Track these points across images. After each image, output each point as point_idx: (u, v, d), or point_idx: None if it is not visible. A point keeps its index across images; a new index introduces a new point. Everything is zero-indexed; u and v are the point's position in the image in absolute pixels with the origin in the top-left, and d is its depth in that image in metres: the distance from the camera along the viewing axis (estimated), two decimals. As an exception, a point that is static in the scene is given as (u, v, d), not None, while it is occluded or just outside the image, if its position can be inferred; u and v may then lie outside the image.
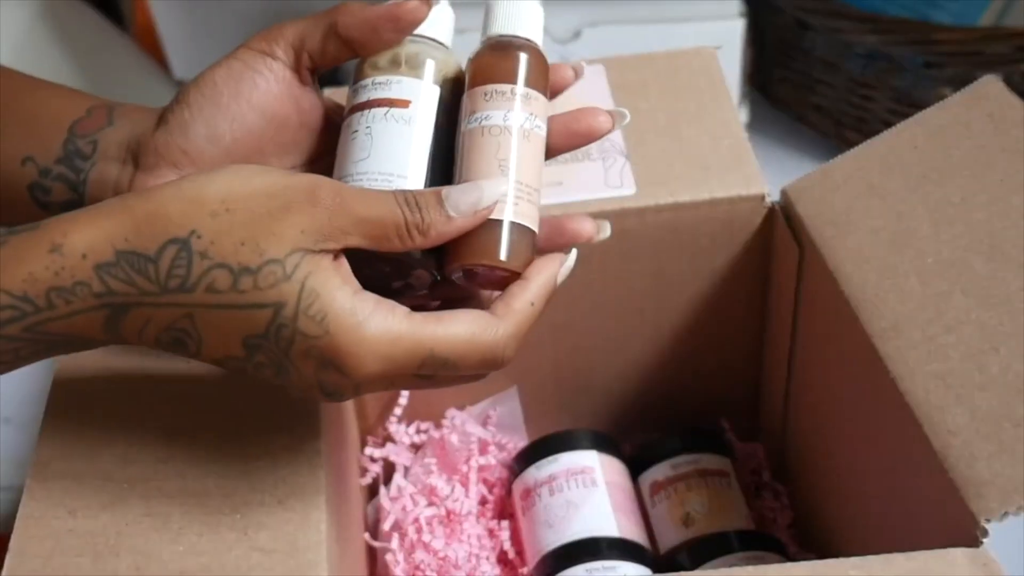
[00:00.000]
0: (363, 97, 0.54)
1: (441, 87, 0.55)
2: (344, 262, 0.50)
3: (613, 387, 0.80)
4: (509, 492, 0.78)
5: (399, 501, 0.76)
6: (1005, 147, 0.63)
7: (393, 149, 0.52)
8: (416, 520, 0.74)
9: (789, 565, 0.51)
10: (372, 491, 0.78)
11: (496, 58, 0.54)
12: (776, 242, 0.72)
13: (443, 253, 0.52)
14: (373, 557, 0.75)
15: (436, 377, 0.51)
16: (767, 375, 0.79)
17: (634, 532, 0.72)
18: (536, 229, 0.52)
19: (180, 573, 0.51)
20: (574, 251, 0.55)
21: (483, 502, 0.79)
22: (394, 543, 0.73)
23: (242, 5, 1.17)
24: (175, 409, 0.58)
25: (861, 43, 0.95)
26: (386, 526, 0.75)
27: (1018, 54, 0.89)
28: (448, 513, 0.76)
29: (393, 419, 0.79)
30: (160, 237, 0.48)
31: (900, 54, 0.94)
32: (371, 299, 0.49)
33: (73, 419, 0.57)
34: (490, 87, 0.53)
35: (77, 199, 0.57)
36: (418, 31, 0.56)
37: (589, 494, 0.73)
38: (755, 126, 1.04)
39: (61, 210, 0.55)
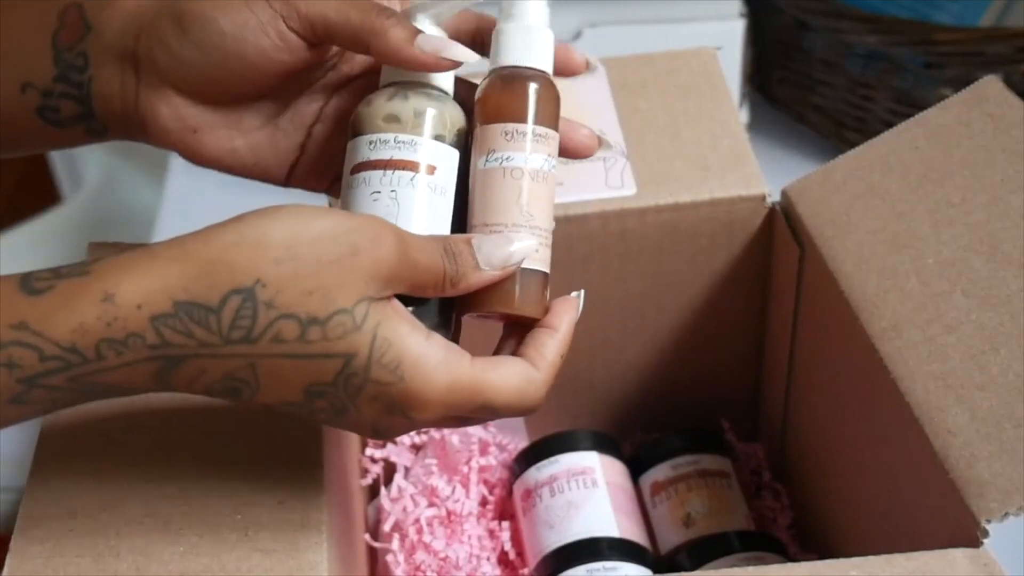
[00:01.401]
0: (385, 154, 0.52)
1: (458, 147, 0.54)
2: (399, 303, 0.49)
3: (613, 387, 0.80)
4: (510, 493, 0.78)
5: (400, 502, 0.76)
6: (1005, 147, 0.63)
7: (422, 220, 0.52)
8: (417, 521, 0.74)
9: (790, 565, 0.52)
10: (373, 492, 0.78)
11: (513, 95, 0.52)
12: (776, 242, 0.72)
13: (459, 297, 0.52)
14: (374, 558, 0.75)
15: (472, 419, 0.52)
16: (767, 375, 0.79)
17: (635, 533, 0.72)
18: (549, 271, 0.53)
19: (180, 574, 0.51)
20: (583, 292, 0.55)
21: (484, 503, 0.79)
22: (395, 544, 0.73)
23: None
24: (176, 410, 0.58)
25: (861, 43, 0.95)
26: (387, 527, 0.75)
27: (1018, 54, 0.89)
28: (449, 514, 0.76)
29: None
30: (223, 287, 0.46)
31: (900, 54, 0.94)
32: (440, 344, 0.49)
33: (74, 420, 0.57)
34: (510, 126, 0.52)
35: (87, 111, 0.56)
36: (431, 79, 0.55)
37: (590, 495, 0.73)
38: (755, 126, 1.04)
39: (75, 125, 0.56)
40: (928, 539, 0.52)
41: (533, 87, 0.52)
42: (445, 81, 0.55)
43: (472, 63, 0.53)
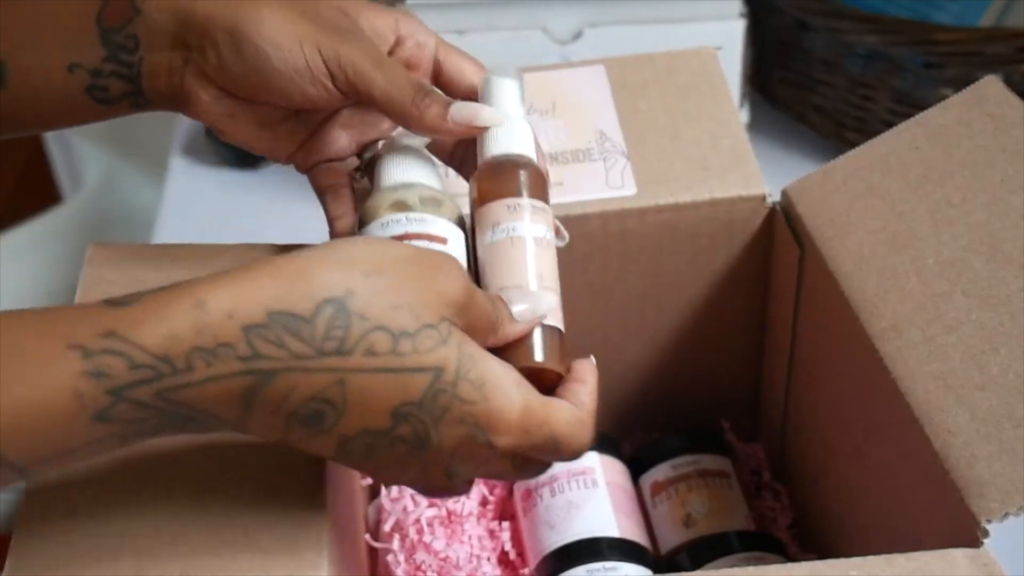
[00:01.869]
0: (399, 230, 0.55)
1: (462, 229, 0.58)
2: None
3: (613, 387, 0.80)
4: (510, 493, 0.78)
5: (400, 502, 0.76)
6: (1005, 147, 0.63)
7: None
8: (417, 521, 0.74)
9: (790, 565, 0.52)
10: (373, 492, 0.78)
11: (508, 176, 0.57)
12: (776, 242, 0.72)
13: None
14: (374, 558, 0.75)
15: (525, 467, 0.52)
16: (767, 375, 0.79)
17: (635, 533, 0.72)
18: (563, 328, 0.55)
19: (181, 573, 0.51)
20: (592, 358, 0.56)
21: (484, 503, 0.79)
22: (395, 544, 0.73)
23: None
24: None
25: (861, 43, 0.95)
26: (387, 527, 0.75)
27: (1019, 54, 0.89)
28: (449, 514, 0.76)
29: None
30: (315, 296, 0.46)
31: (900, 54, 0.94)
32: (512, 367, 0.50)
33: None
34: (511, 200, 0.56)
35: (136, 89, 0.57)
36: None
37: (590, 495, 0.73)
38: (755, 126, 1.04)
39: (124, 102, 0.58)
40: (928, 539, 0.52)
41: (523, 168, 0.57)
42: (436, 181, 0.59)
43: (496, 123, 0.58)
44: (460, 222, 0.58)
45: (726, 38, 0.94)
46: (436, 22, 0.94)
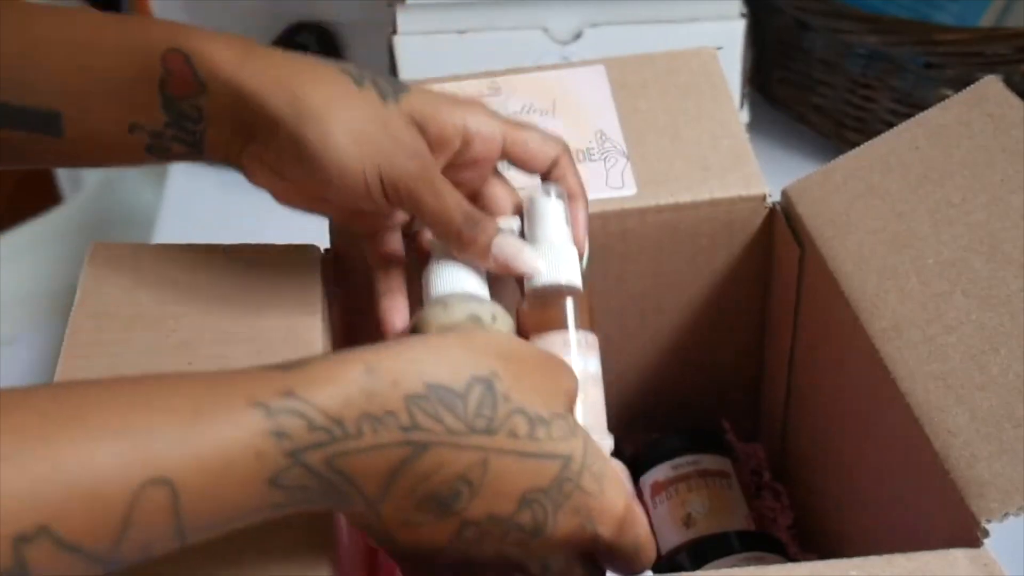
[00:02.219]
0: None
1: None
2: None
3: (613, 387, 0.80)
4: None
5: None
6: (1005, 147, 0.63)
7: None
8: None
9: (789, 566, 0.52)
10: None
11: (555, 308, 0.58)
12: (777, 242, 0.72)
13: None
14: (375, 558, 0.75)
15: (620, 558, 0.53)
16: (768, 375, 0.79)
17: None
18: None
19: (183, 572, 0.51)
20: None
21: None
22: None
23: (244, 5, 1.17)
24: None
25: (861, 43, 0.95)
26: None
27: (1019, 55, 0.89)
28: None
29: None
30: (465, 373, 0.47)
31: (901, 54, 0.94)
32: (623, 467, 0.53)
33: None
34: (558, 335, 0.58)
35: (196, 152, 0.59)
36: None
37: (590, 494, 0.73)
38: (755, 126, 1.04)
39: (183, 158, 0.59)
40: (928, 539, 0.52)
41: (570, 299, 0.58)
42: (482, 288, 0.60)
43: (532, 274, 0.59)
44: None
45: (726, 38, 0.94)
46: (436, 22, 0.94)
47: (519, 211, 0.63)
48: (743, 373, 0.80)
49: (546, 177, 0.62)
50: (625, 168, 0.72)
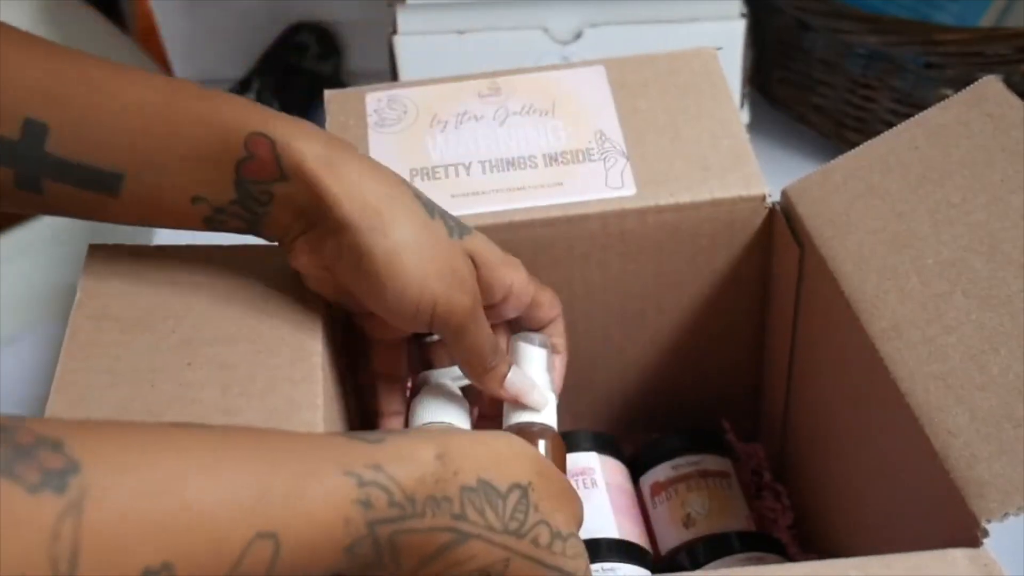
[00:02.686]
0: None
1: None
2: None
3: (614, 387, 0.80)
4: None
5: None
6: (1005, 147, 0.63)
7: None
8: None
9: (788, 565, 0.52)
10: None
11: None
12: (776, 242, 0.72)
13: None
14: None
15: None
16: (768, 375, 0.79)
17: (634, 533, 0.72)
18: None
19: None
20: None
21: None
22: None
23: (244, 5, 1.17)
24: (175, 412, 0.58)
25: (862, 43, 0.95)
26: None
27: (1019, 55, 0.89)
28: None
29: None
30: (507, 478, 0.50)
31: (901, 55, 0.94)
32: None
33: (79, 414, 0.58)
34: None
35: (250, 229, 0.60)
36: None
37: (589, 495, 0.73)
38: (755, 126, 1.04)
39: (233, 232, 0.60)
40: (928, 539, 0.52)
41: (546, 439, 0.63)
42: (465, 422, 0.66)
43: (537, 408, 0.64)
44: None
45: (726, 38, 0.94)
46: (436, 22, 0.94)
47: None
48: (743, 373, 0.80)
49: (541, 331, 0.67)
50: (625, 168, 0.72)
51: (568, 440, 0.76)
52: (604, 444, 0.76)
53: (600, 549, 0.70)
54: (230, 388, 0.59)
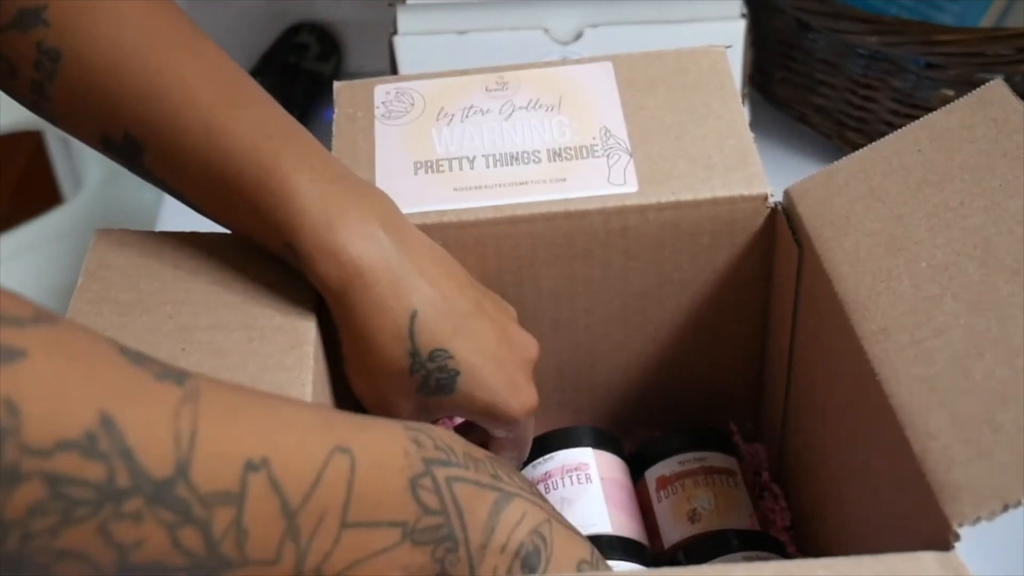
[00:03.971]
0: None
1: None
2: None
3: (614, 384, 0.80)
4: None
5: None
6: (1007, 152, 0.63)
7: None
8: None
9: (757, 564, 0.52)
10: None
11: None
12: (778, 242, 0.72)
13: None
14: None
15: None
16: (768, 376, 0.79)
17: (630, 528, 0.72)
18: None
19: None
20: None
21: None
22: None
23: (244, 5, 1.18)
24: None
25: (862, 44, 0.95)
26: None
27: (1020, 55, 0.88)
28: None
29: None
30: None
31: (901, 55, 0.93)
32: None
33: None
34: None
35: None
36: None
37: (583, 490, 0.73)
38: (756, 127, 1.03)
39: None
40: (905, 542, 0.52)
41: None
42: None
43: None
44: None
45: (727, 38, 0.94)
46: (436, 22, 0.95)
47: None
48: (745, 373, 0.80)
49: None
50: (628, 165, 0.72)
51: (564, 436, 0.76)
52: (601, 440, 0.76)
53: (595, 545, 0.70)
54: (220, 374, 0.59)
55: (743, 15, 0.95)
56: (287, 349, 0.61)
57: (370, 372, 0.63)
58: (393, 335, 0.61)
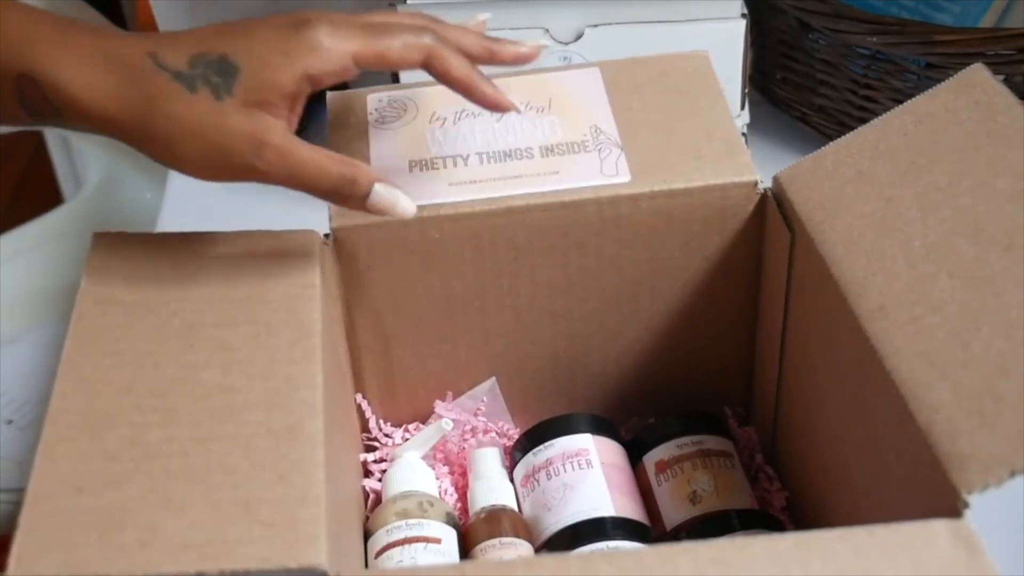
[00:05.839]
0: (399, 536, 0.70)
1: (454, 527, 0.72)
2: None
3: (609, 372, 0.81)
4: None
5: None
6: (991, 133, 0.64)
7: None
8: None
9: (776, 537, 0.52)
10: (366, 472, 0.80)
11: (495, 523, 0.73)
12: (768, 228, 0.73)
13: None
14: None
15: None
16: (760, 359, 0.80)
17: (632, 510, 0.73)
18: None
19: (183, 545, 0.52)
20: None
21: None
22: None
23: (244, 5, 1.18)
24: (177, 392, 0.59)
25: (863, 44, 0.96)
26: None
27: (1019, 55, 0.89)
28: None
29: (386, 426, 0.81)
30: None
31: (902, 55, 0.94)
32: None
33: (79, 403, 0.59)
34: (495, 540, 0.71)
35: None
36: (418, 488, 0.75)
37: (585, 475, 0.74)
38: (756, 126, 1.05)
39: None
40: (912, 513, 0.53)
41: (507, 515, 0.74)
42: (432, 487, 0.76)
43: (410, 214, 0.64)
44: (451, 521, 0.72)
45: (727, 38, 0.95)
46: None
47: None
48: (737, 357, 0.81)
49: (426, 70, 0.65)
50: (619, 158, 0.73)
51: (564, 423, 0.77)
52: (599, 426, 0.77)
53: (599, 527, 0.71)
54: (230, 368, 0.60)
55: (743, 15, 0.95)
56: (294, 342, 0.61)
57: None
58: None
